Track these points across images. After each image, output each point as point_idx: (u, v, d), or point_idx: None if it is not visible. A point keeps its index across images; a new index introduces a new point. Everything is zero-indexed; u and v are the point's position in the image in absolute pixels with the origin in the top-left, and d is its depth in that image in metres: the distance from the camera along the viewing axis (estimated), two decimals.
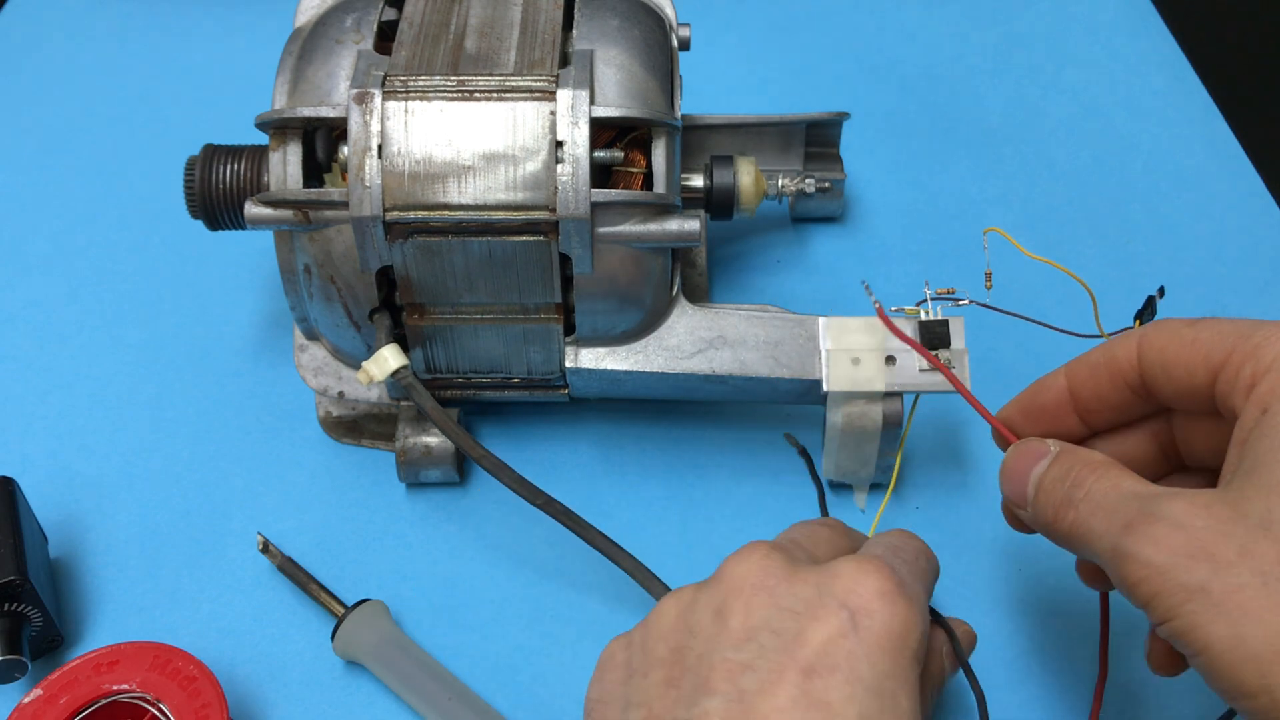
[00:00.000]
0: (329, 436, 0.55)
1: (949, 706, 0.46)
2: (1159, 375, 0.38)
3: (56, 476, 0.53)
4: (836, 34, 0.74)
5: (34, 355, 0.58)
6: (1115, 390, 0.39)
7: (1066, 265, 0.49)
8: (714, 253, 0.62)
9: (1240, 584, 0.30)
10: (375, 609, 0.47)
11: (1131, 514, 0.34)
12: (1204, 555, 0.31)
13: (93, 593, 0.49)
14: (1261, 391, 0.34)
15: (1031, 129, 0.68)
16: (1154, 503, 0.33)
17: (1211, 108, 0.70)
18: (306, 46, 0.48)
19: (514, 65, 0.46)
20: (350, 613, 0.47)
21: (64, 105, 0.70)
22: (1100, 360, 0.40)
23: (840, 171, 0.61)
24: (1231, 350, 0.35)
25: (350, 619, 0.46)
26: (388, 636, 0.46)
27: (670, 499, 0.52)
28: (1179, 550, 0.32)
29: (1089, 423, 0.41)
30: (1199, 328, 0.37)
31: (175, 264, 0.61)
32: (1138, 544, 0.33)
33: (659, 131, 0.47)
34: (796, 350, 0.49)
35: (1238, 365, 0.35)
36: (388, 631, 0.47)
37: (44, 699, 0.42)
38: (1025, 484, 0.39)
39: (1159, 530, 0.32)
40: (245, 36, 0.74)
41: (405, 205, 0.45)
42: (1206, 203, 0.64)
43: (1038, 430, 0.41)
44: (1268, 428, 0.33)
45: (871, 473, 0.50)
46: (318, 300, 0.48)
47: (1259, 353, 0.34)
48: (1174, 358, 0.37)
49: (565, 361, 0.49)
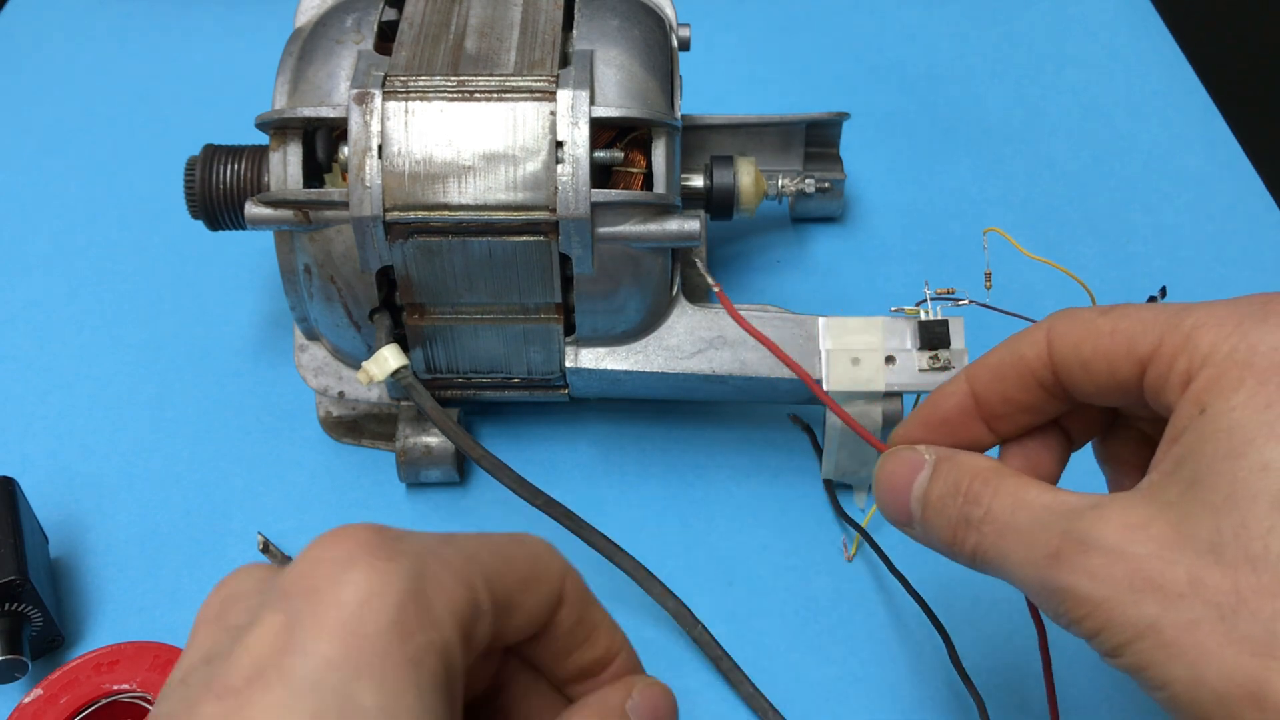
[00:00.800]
0: (329, 436, 0.55)
1: (951, 707, 0.46)
2: (1075, 371, 0.34)
3: (56, 476, 0.53)
4: (836, 34, 0.74)
5: (34, 355, 0.58)
6: (1025, 391, 0.35)
7: (1066, 265, 0.49)
8: (714, 253, 0.62)
9: (1194, 619, 0.27)
10: None
11: (1055, 540, 0.30)
12: (1150, 587, 0.28)
13: (93, 593, 0.49)
14: (1198, 387, 0.30)
15: (1031, 129, 0.68)
16: (1079, 524, 0.30)
17: (1211, 108, 0.70)
18: (307, 47, 0.48)
19: (514, 65, 0.46)
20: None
21: (64, 105, 0.70)
22: (1006, 360, 0.35)
23: (840, 171, 0.61)
24: (1160, 340, 0.31)
25: None
26: None
27: (670, 499, 0.52)
28: (1121, 583, 0.28)
29: (997, 430, 0.36)
30: (1116, 316, 0.33)
31: (175, 264, 0.61)
32: (1072, 578, 0.29)
33: (659, 131, 0.47)
34: (796, 350, 0.49)
35: (1170, 357, 0.31)
36: None
37: (44, 699, 0.42)
38: (907, 500, 0.35)
39: (1094, 562, 0.29)
40: (245, 36, 0.74)
41: (405, 205, 0.45)
42: (1206, 203, 0.64)
43: (945, 444, 0.36)
44: (1208, 430, 0.29)
45: (872, 472, 0.50)
46: (318, 300, 0.48)
47: (1192, 342, 0.30)
48: (1092, 351, 0.33)
49: (565, 361, 0.49)
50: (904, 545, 0.50)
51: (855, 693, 0.46)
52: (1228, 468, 0.28)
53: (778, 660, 0.47)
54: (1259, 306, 0.30)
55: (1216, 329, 0.30)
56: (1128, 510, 0.29)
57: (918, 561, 0.50)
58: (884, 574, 0.49)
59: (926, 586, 0.48)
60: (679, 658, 0.47)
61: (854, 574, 0.50)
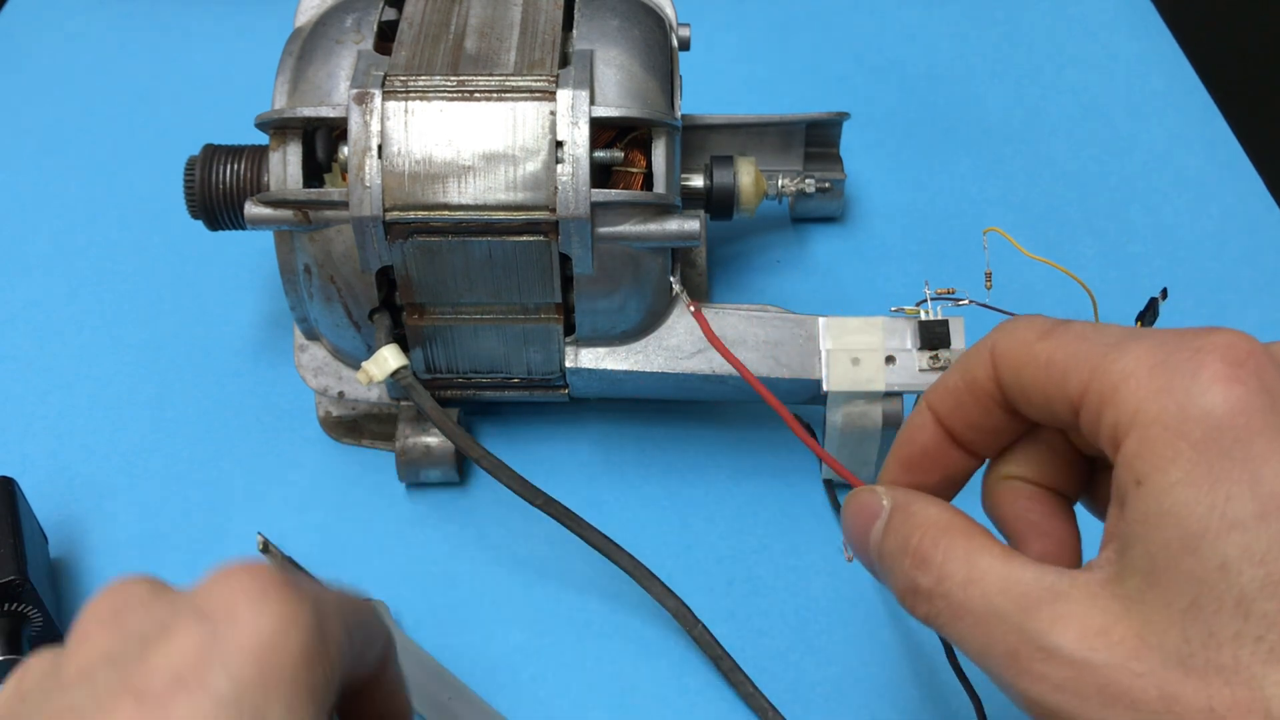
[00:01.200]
0: (329, 436, 0.55)
1: (951, 707, 0.46)
2: (1019, 399, 0.31)
3: (56, 476, 0.53)
4: (836, 34, 0.74)
5: (34, 355, 0.58)
6: (987, 415, 0.33)
7: (1066, 265, 0.49)
8: (714, 253, 0.62)
9: None
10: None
11: (1012, 639, 0.28)
12: (1123, 702, 0.26)
13: (93, 592, 0.49)
14: (1129, 453, 0.27)
15: (1031, 129, 0.68)
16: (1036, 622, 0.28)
17: (1211, 108, 0.70)
18: (306, 46, 0.48)
19: (514, 65, 0.46)
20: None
21: (64, 105, 0.70)
22: (959, 384, 0.33)
23: (840, 171, 0.61)
24: (1088, 385, 0.28)
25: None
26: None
27: (670, 499, 0.52)
28: (1090, 695, 0.26)
29: (977, 452, 0.34)
30: (1053, 343, 0.30)
31: (175, 264, 0.61)
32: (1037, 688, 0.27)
33: (659, 131, 0.47)
34: (796, 350, 0.49)
35: (1097, 407, 0.28)
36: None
37: None
38: (868, 552, 0.33)
39: (1055, 671, 0.27)
40: (245, 36, 0.74)
41: (405, 205, 0.45)
42: (1206, 203, 0.64)
43: (928, 480, 0.34)
44: (1153, 512, 0.26)
45: (872, 472, 0.50)
46: (318, 300, 0.48)
47: (1119, 396, 0.27)
48: (1030, 381, 0.30)
49: (565, 361, 0.49)
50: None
51: (855, 693, 0.46)
52: (1186, 566, 0.26)
53: (778, 660, 0.47)
54: (1190, 356, 0.27)
55: (1144, 383, 0.27)
56: (1088, 609, 0.27)
57: None
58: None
59: None
60: (679, 658, 0.47)
61: (854, 574, 0.50)
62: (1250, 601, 0.25)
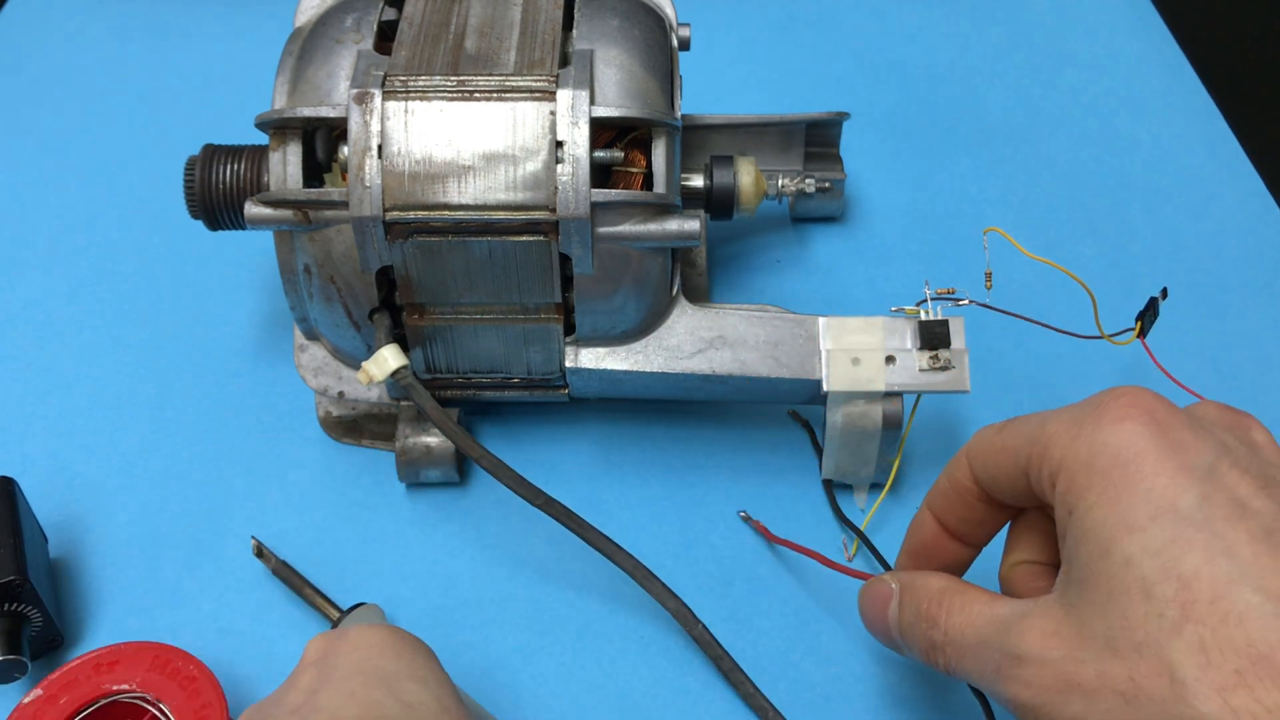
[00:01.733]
0: (329, 436, 0.55)
1: (951, 707, 0.46)
2: (991, 486, 0.38)
3: (56, 476, 0.53)
4: (836, 34, 0.74)
5: (34, 355, 0.58)
6: (972, 509, 0.40)
7: (1066, 265, 0.49)
8: (714, 253, 0.62)
9: (1108, 708, 0.31)
10: (369, 614, 0.47)
11: (995, 658, 0.34)
12: (1071, 687, 0.32)
13: (93, 593, 0.49)
14: (1060, 491, 0.34)
15: (1031, 129, 0.68)
16: (1010, 638, 0.34)
17: (1211, 108, 0.70)
18: (306, 46, 0.48)
19: (514, 65, 0.46)
20: (344, 618, 0.47)
21: (64, 105, 0.70)
22: (948, 487, 0.40)
23: (840, 171, 0.61)
24: (1030, 454, 0.35)
25: (345, 623, 0.46)
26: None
27: (670, 499, 0.52)
28: (1049, 686, 0.32)
29: (970, 543, 0.41)
30: (1006, 432, 0.37)
31: (175, 264, 0.61)
32: (1013, 689, 0.33)
33: (659, 131, 0.47)
34: (796, 350, 0.49)
35: (1037, 468, 0.35)
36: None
37: (44, 699, 0.42)
38: (888, 631, 0.40)
39: (1026, 672, 0.33)
40: (245, 36, 0.74)
41: (405, 205, 0.45)
42: (1206, 203, 0.64)
43: (934, 566, 0.41)
44: (1078, 532, 0.33)
45: (872, 472, 0.50)
46: (318, 300, 0.48)
47: (1049, 451, 0.34)
48: (994, 467, 0.38)
49: (565, 361, 0.49)
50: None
51: (855, 693, 0.46)
52: (1102, 568, 0.32)
53: (778, 660, 0.47)
54: (1094, 408, 0.34)
55: (1064, 435, 0.34)
56: (1044, 619, 0.33)
57: None
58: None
59: None
60: (679, 658, 0.47)
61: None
62: (1151, 585, 0.31)
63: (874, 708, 0.46)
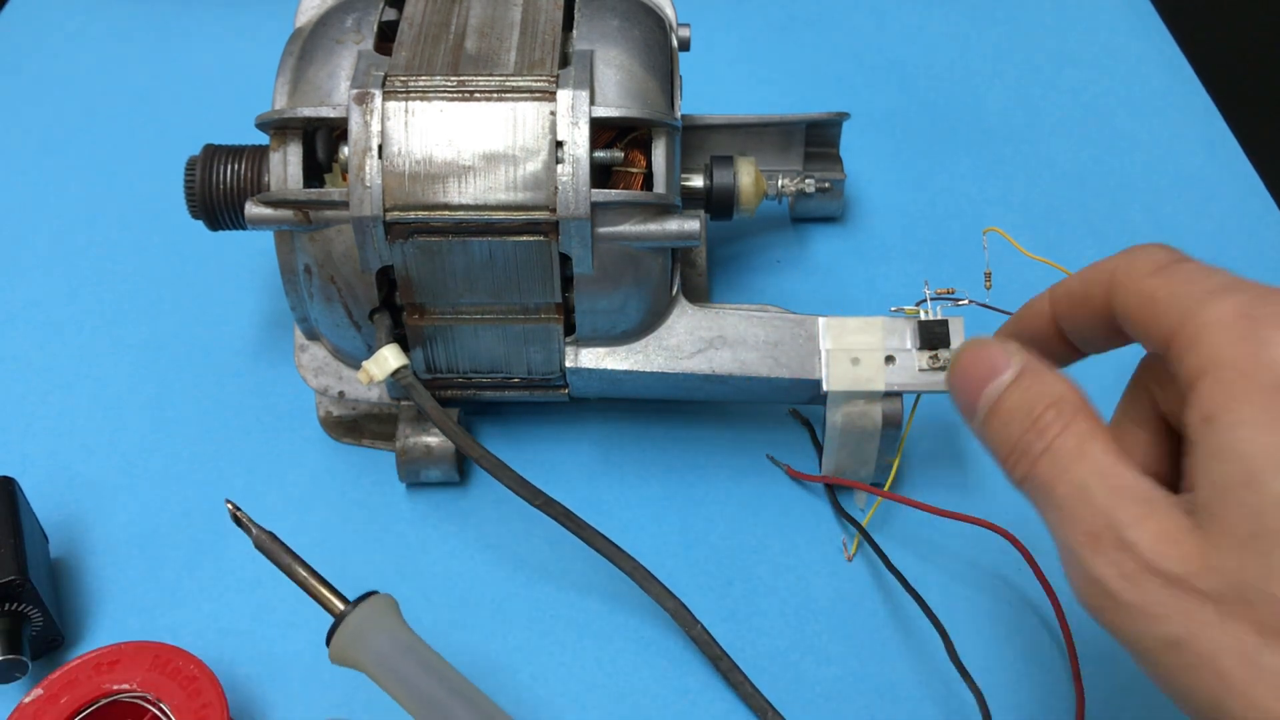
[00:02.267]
0: (329, 436, 0.55)
1: (951, 706, 0.46)
2: (1123, 322, 0.33)
3: (56, 476, 0.53)
4: (836, 34, 0.74)
5: (34, 355, 0.58)
6: (1095, 327, 0.35)
7: (1066, 265, 0.49)
8: (714, 253, 0.62)
9: (1221, 649, 0.27)
10: (380, 605, 0.43)
11: (1098, 522, 0.30)
12: (1178, 609, 0.28)
13: (93, 593, 0.49)
14: (1201, 394, 0.29)
15: (1031, 129, 0.68)
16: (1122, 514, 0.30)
17: (1211, 108, 0.70)
18: (307, 47, 0.48)
19: (514, 65, 0.46)
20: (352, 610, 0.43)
21: (64, 105, 0.70)
22: (1079, 290, 0.35)
23: (840, 171, 0.61)
24: (1178, 327, 0.30)
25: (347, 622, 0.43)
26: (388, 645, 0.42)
27: (670, 499, 0.52)
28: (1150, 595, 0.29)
29: (1076, 346, 0.37)
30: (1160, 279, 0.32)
31: (175, 264, 0.61)
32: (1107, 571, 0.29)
33: (659, 131, 0.47)
34: (796, 350, 0.49)
35: (1180, 352, 0.30)
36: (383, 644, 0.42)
37: (44, 699, 0.42)
38: (977, 397, 0.34)
39: (1128, 563, 0.29)
40: (245, 37, 0.74)
41: (405, 205, 0.45)
42: (1206, 203, 0.64)
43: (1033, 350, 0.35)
44: (1218, 448, 0.28)
45: (872, 472, 0.50)
46: (318, 300, 0.48)
47: (1201, 341, 0.29)
48: (1135, 313, 0.32)
49: (565, 361, 0.49)
50: (903, 545, 0.50)
51: (855, 693, 0.46)
52: (1245, 499, 0.28)
53: (778, 660, 0.47)
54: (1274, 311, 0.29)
55: (1226, 331, 0.29)
56: (1166, 523, 0.29)
57: (917, 560, 0.50)
58: (884, 573, 0.49)
59: (926, 585, 0.48)
60: (679, 658, 0.47)
61: (854, 574, 0.50)
62: None
63: (874, 708, 0.46)
